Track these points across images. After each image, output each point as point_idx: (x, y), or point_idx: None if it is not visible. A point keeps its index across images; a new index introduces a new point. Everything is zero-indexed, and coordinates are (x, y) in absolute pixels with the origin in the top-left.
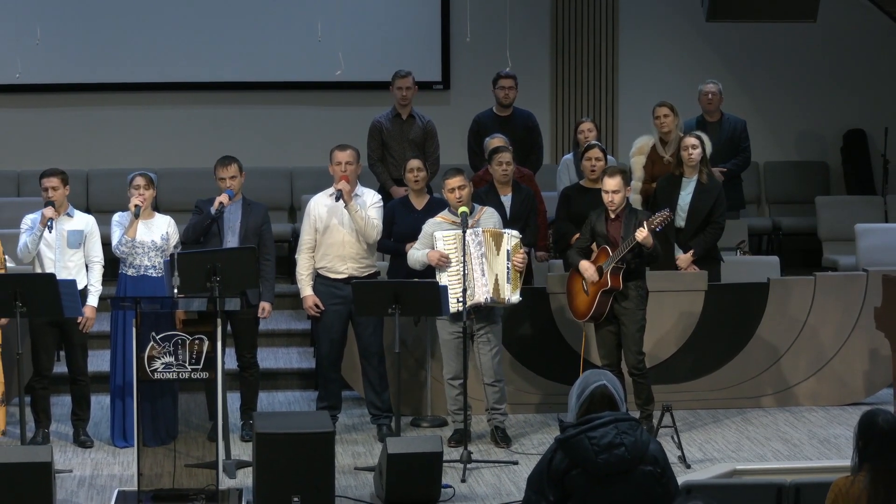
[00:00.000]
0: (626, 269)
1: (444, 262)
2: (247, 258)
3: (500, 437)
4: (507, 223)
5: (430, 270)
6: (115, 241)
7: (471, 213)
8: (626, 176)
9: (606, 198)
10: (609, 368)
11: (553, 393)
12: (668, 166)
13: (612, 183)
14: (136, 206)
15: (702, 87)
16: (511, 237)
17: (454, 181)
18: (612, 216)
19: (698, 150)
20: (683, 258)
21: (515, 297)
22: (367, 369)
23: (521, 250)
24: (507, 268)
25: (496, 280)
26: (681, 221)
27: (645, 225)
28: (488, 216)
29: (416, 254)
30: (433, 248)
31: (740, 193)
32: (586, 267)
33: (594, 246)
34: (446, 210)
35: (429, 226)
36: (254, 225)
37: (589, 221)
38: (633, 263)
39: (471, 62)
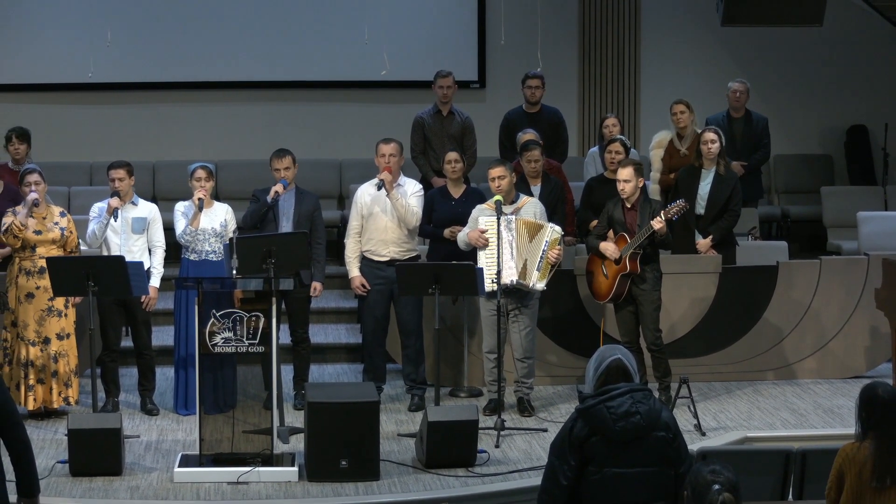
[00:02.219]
0: (643, 253)
1: (483, 241)
2: (299, 242)
3: (525, 407)
4: None
5: (467, 253)
6: (179, 231)
7: (514, 201)
8: (639, 168)
9: (619, 186)
10: (628, 345)
11: (580, 365)
12: (685, 159)
13: (623, 173)
14: (199, 199)
15: (731, 84)
16: (553, 231)
17: (495, 171)
18: (629, 205)
19: (716, 144)
20: (703, 243)
21: (541, 286)
22: (406, 344)
23: (559, 246)
24: (541, 257)
25: (524, 265)
26: (700, 209)
27: (662, 214)
28: (531, 206)
29: (462, 235)
30: None
31: (759, 185)
32: (606, 246)
33: (611, 233)
34: (492, 198)
35: (476, 211)
36: (306, 212)
37: (606, 210)
38: (649, 249)
39: (505, 63)
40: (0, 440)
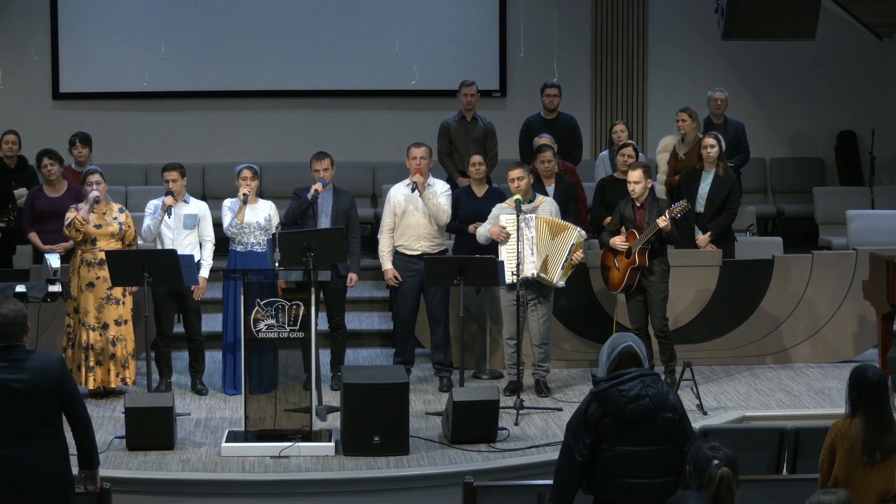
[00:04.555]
0: (651, 248)
1: (504, 236)
2: (336, 237)
3: (542, 389)
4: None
5: (489, 248)
6: (226, 223)
7: (531, 200)
8: (648, 170)
9: (630, 187)
10: (637, 332)
11: (592, 351)
12: (685, 162)
13: (634, 175)
14: (244, 194)
15: (711, 93)
16: (579, 234)
17: (514, 173)
18: (638, 204)
19: (716, 149)
20: (702, 238)
21: (562, 283)
22: (435, 331)
23: (581, 252)
24: (566, 258)
25: (546, 260)
26: (700, 208)
27: (667, 213)
28: (546, 205)
29: (482, 229)
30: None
31: (740, 186)
32: (615, 240)
33: (623, 229)
34: (511, 197)
35: (496, 209)
36: (343, 209)
37: (618, 208)
38: (656, 244)
39: (524, 73)
40: (63, 417)
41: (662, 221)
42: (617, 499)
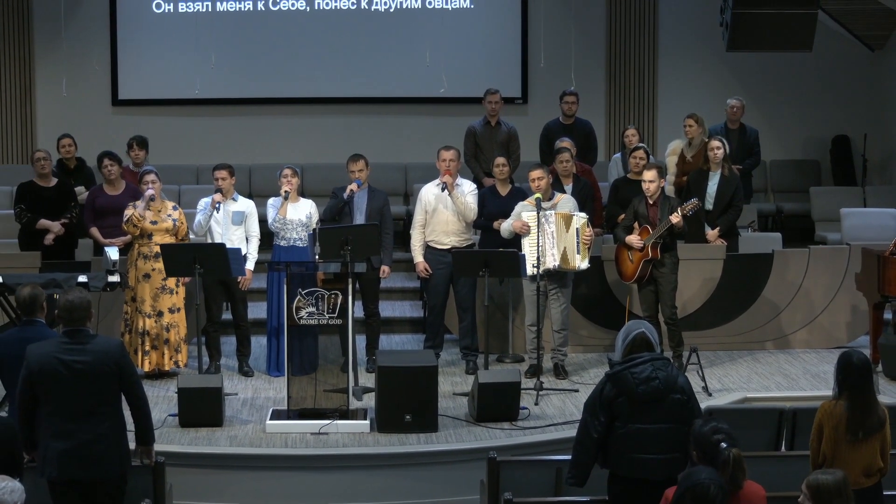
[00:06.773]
0: (663, 243)
1: (525, 229)
2: (371, 232)
3: (560, 372)
4: None
5: (512, 242)
6: (270, 219)
7: (550, 198)
8: (661, 170)
9: (644, 186)
10: (648, 319)
11: (607, 337)
12: (692, 164)
13: (648, 175)
14: (285, 191)
15: (729, 101)
16: (579, 218)
17: (534, 173)
18: (651, 202)
19: (721, 151)
20: (711, 234)
21: (584, 265)
22: (462, 318)
23: (589, 229)
24: (577, 242)
25: (564, 251)
26: (708, 206)
27: (679, 211)
28: (565, 201)
29: (506, 225)
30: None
31: (750, 186)
32: (631, 239)
33: (636, 224)
34: (532, 196)
35: (518, 207)
36: (377, 206)
37: (632, 206)
38: (668, 239)
39: (544, 82)
40: (122, 396)
41: (675, 218)
42: (630, 472)
